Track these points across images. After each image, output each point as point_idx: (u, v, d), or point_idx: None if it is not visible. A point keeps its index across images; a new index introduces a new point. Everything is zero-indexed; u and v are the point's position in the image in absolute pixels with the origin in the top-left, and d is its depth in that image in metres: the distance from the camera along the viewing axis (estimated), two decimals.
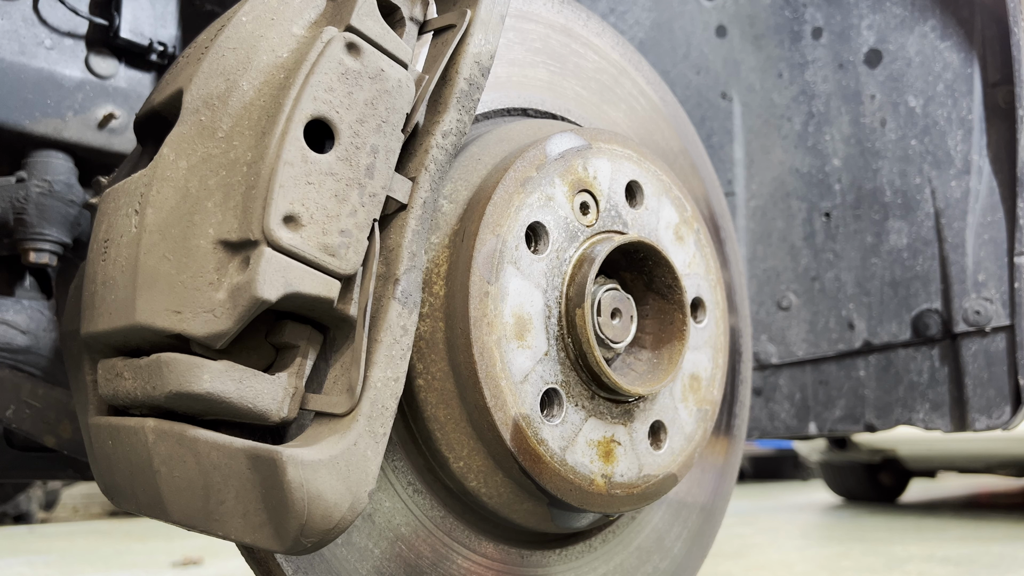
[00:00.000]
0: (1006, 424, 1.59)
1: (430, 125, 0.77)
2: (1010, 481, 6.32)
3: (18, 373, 1.13)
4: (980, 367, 1.65)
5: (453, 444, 0.81)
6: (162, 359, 0.64)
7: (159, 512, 0.69)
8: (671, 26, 1.74)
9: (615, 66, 1.11)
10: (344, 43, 0.69)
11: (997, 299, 1.63)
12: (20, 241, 1.14)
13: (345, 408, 0.67)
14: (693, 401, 0.96)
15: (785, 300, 2.07)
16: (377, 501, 0.80)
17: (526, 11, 1.01)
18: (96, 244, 0.73)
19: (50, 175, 1.15)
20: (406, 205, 0.74)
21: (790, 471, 9.48)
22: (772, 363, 2.12)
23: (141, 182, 0.69)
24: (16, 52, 1.13)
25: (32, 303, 1.17)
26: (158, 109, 0.76)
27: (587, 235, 0.87)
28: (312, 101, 0.66)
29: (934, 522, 3.84)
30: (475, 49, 0.79)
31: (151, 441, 0.67)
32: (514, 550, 0.91)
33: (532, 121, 0.95)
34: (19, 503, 5.80)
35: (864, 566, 2.48)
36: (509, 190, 0.82)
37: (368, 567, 0.79)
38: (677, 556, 1.10)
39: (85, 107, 1.18)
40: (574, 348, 0.84)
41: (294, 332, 0.69)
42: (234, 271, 0.64)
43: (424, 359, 0.81)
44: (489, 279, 0.79)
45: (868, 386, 1.91)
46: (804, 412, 2.08)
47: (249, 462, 0.63)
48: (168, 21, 1.25)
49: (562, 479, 0.82)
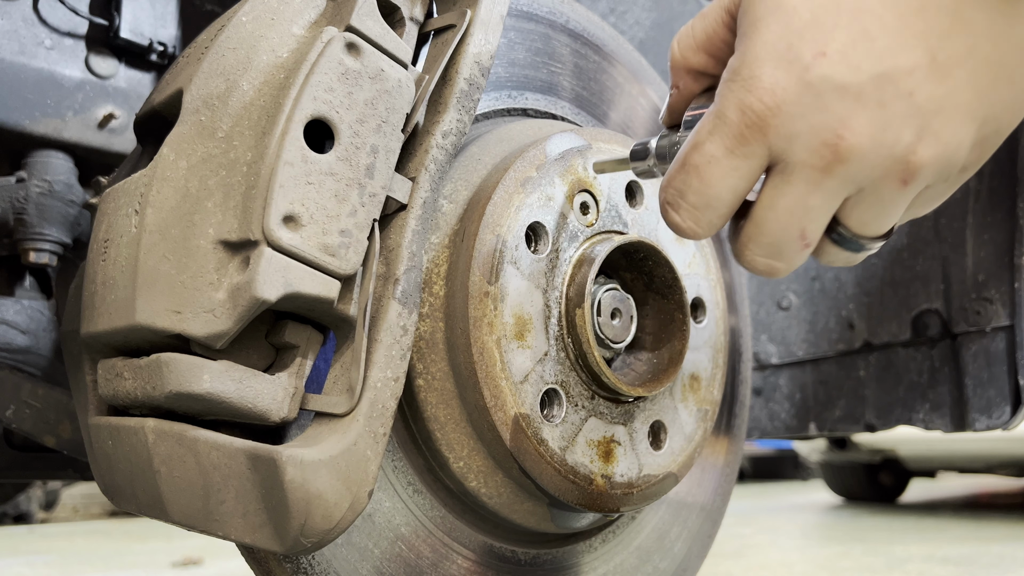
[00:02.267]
0: (1006, 424, 1.59)
1: (430, 125, 0.77)
2: (1010, 481, 6.32)
3: (18, 373, 1.13)
4: (980, 367, 1.65)
5: (453, 444, 0.81)
6: (162, 359, 0.64)
7: (159, 512, 0.70)
8: (671, 26, 1.74)
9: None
10: (344, 43, 0.69)
11: (997, 299, 1.63)
12: (20, 241, 1.14)
13: (345, 408, 0.67)
14: (693, 401, 0.96)
15: (785, 300, 2.07)
16: (377, 501, 0.80)
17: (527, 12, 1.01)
18: (96, 244, 0.73)
19: (50, 175, 1.15)
20: (406, 205, 0.74)
21: (790, 471, 9.48)
22: (772, 363, 2.12)
23: (141, 182, 0.69)
24: (16, 52, 1.13)
25: (32, 303, 1.17)
26: (158, 109, 0.76)
27: (587, 235, 0.87)
28: (312, 101, 0.66)
29: (934, 522, 3.84)
30: (475, 49, 0.79)
31: (151, 441, 0.67)
32: (514, 550, 0.91)
33: (532, 121, 0.95)
34: (19, 503, 5.81)
35: (864, 566, 2.48)
36: (509, 190, 0.82)
37: (368, 567, 0.79)
38: (677, 556, 1.10)
39: (85, 107, 1.18)
40: (574, 348, 0.84)
41: (294, 332, 0.69)
42: (234, 271, 0.64)
43: (424, 359, 0.81)
44: (489, 279, 0.79)
45: (868, 386, 1.91)
46: (804, 412, 2.08)
47: (249, 462, 0.63)
48: (168, 21, 1.25)
49: (562, 479, 0.82)
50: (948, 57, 0.53)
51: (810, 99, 0.54)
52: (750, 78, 0.56)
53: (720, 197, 0.60)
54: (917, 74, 0.53)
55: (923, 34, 0.52)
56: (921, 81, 0.53)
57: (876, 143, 0.54)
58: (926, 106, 0.53)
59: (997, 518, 3.92)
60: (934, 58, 0.53)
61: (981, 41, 0.52)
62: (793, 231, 0.59)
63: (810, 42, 0.54)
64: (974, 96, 0.54)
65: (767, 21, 0.56)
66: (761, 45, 0.56)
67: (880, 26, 0.53)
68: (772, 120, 0.55)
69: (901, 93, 0.53)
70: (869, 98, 0.53)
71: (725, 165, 0.58)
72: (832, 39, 0.53)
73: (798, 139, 0.55)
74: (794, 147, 0.56)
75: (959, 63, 0.53)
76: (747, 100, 0.56)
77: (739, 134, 0.57)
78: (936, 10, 0.52)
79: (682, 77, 0.68)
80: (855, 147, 0.54)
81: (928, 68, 0.53)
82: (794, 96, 0.54)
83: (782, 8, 0.55)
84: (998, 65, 0.53)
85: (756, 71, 0.56)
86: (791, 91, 0.54)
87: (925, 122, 0.54)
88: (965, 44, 0.52)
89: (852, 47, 0.53)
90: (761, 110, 0.55)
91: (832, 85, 0.54)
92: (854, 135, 0.54)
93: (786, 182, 0.57)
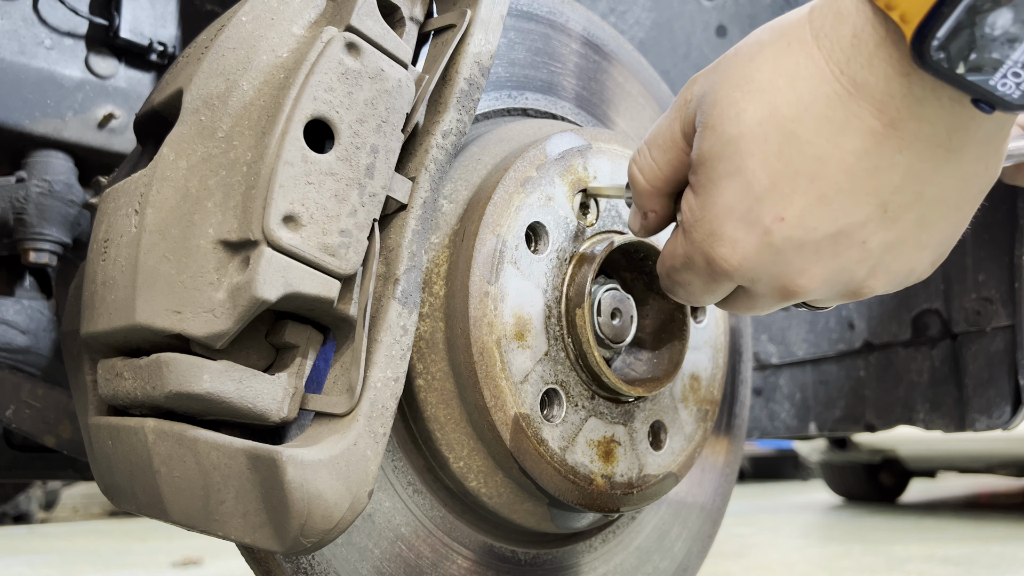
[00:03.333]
0: (1006, 424, 1.59)
1: (430, 125, 0.77)
2: (1010, 481, 6.32)
3: (18, 373, 1.13)
4: (980, 367, 1.65)
5: (453, 444, 0.81)
6: (162, 359, 0.64)
7: (159, 512, 0.70)
8: (671, 26, 1.74)
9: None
10: (344, 43, 0.69)
11: (997, 299, 1.63)
12: (20, 241, 1.14)
13: (345, 408, 0.67)
14: (693, 401, 0.96)
15: None
16: (377, 501, 0.80)
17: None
18: (96, 244, 0.73)
19: (50, 175, 1.15)
20: (406, 205, 0.74)
21: (790, 471, 9.48)
22: (772, 363, 2.12)
23: (141, 182, 0.69)
24: (16, 52, 1.13)
25: (32, 303, 1.17)
26: (158, 109, 0.76)
27: (587, 235, 0.87)
28: (312, 101, 0.66)
29: (934, 522, 3.84)
30: (475, 49, 0.79)
31: (151, 441, 0.67)
32: (514, 550, 0.91)
33: (532, 121, 0.95)
34: (19, 503, 5.81)
35: (864, 566, 2.48)
36: (509, 190, 0.82)
37: (368, 567, 0.79)
38: (677, 556, 1.10)
39: (85, 107, 1.18)
40: (574, 348, 0.84)
41: (294, 332, 0.69)
42: (234, 271, 0.64)
43: (424, 359, 0.81)
44: (489, 279, 0.79)
45: (868, 386, 1.91)
46: (804, 412, 2.08)
47: (249, 462, 0.63)
48: (168, 21, 1.25)
49: (562, 479, 0.82)
50: (898, 206, 0.57)
51: (769, 256, 0.60)
52: (711, 234, 0.61)
53: (704, 301, 0.69)
54: (870, 225, 0.57)
55: (875, 191, 0.56)
56: (873, 231, 0.58)
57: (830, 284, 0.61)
58: (877, 250, 0.59)
59: (997, 518, 3.92)
60: (885, 210, 0.57)
61: (927, 186, 0.57)
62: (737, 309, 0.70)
63: (769, 207, 0.58)
64: (923, 230, 0.59)
65: (728, 183, 0.60)
66: (723, 205, 0.60)
67: (836, 190, 0.56)
68: (735, 273, 0.62)
69: (855, 243, 0.58)
70: (824, 252, 0.59)
71: (702, 288, 0.67)
72: (790, 204, 0.57)
73: (759, 282, 0.62)
74: (756, 287, 0.63)
75: (908, 209, 0.57)
76: (711, 255, 0.62)
77: (708, 276, 0.64)
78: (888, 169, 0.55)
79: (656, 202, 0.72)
80: (811, 289, 0.61)
81: (880, 219, 0.57)
82: (754, 253, 0.60)
83: (742, 173, 0.59)
84: (943, 201, 0.58)
85: (718, 228, 0.61)
86: (751, 249, 0.60)
87: (877, 262, 0.60)
88: (914, 192, 0.57)
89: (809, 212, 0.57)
90: (725, 266, 0.62)
91: (791, 245, 0.59)
92: (811, 281, 0.60)
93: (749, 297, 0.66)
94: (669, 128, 0.67)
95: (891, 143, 0.54)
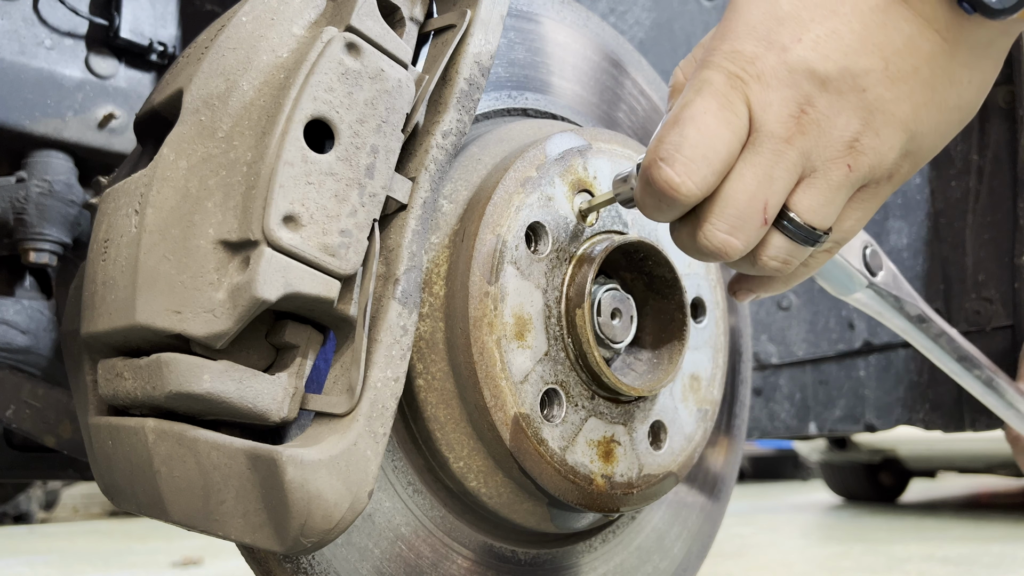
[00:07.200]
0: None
1: (430, 125, 0.77)
2: (1010, 481, 6.32)
3: (18, 373, 1.13)
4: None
5: (453, 444, 0.81)
6: (162, 359, 0.64)
7: (159, 512, 0.70)
8: (671, 26, 1.74)
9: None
10: (344, 43, 0.69)
11: (997, 299, 1.63)
12: (20, 241, 1.14)
13: (345, 408, 0.67)
14: (693, 401, 0.96)
15: (785, 300, 2.07)
16: (377, 501, 0.80)
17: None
18: (96, 244, 0.73)
19: (50, 175, 1.15)
20: (406, 205, 0.74)
21: (790, 471, 9.48)
22: (772, 363, 2.12)
23: (141, 182, 0.69)
24: (16, 52, 1.13)
25: (32, 303, 1.17)
26: (158, 109, 0.76)
27: (587, 235, 0.87)
28: (312, 101, 0.66)
29: (934, 522, 3.84)
30: (475, 49, 0.79)
31: (151, 441, 0.67)
32: (514, 550, 0.91)
33: (532, 121, 0.95)
34: (19, 503, 5.81)
35: (864, 566, 2.48)
36: (509, 190, 0.82)
37: (368, 567, 0.79)
38: (677, 556, 1.10)
39: (85, 107, 1.18)
40: (574, 348, 0.84)
41: (294, 332, 0.69)
42: (234, 271, 0.64)
43: (424, 359, 0.81)
44: (489, 279, 0.79)
45: (868, 386, 1.91)
46: (804, 412, 2.08)
47: (249, 462, 0.63)
48: (168, 21, 1.25)
49: (562, 479, 0.82)
50: (897, 70, 0.62)
51: (784, 74, 0.62)
52: (733, 52, 0.64)
53: (716, 149, 0.63)
54: (871, 76, 0.62)
55: (881, 46, 0.62)
56: (873, 83, 0.62)
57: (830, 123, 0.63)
58: (873, 104, 0.62)
59: (997, 518, 3.92)
60: (887, 67, 0.62)
61: (923, 66, 0.62)
62: (758, 202, 0.65)
63: (789, 29, 0.62)
64: (911, 110, 0.63)
65: (751, 6, 0.64)
66: (744, 25, 0.64)
67: (848, 29, 0.62)
68: (753, 86, 0.63)
69: (856, 88, 0.62)
70: (831, 85, 0.62)
71: (719, 116, 0.63)
72: (808, 31, 0.62)
73: (770, 108, 0.63)
74: (767, 116, 0.63)
75: (904, 79, 0.62)
76: (731, 68, 0.64)
77: (726, 94, 0.63)
78: (895, 29, 0.61)
79: None
80: (814, 122, 0.63)
81: (881, 73, 0.62)
82: (771, 70, 0.63)
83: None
84: (932, 90, 0.63)
85: (738, 46, 0.64)
86: (769, 65, 0.63)
87: (870, 116, 0.63)
88: (912, 64, 0.62)
89: (824, 41, 0.62)
90: (745, 77, 0.63)
91: (804, 67, 0.62)
92: (815, 111, 0.63)
93: (755, 152, 0.64)
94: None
95: (899, 10, 0.61)
